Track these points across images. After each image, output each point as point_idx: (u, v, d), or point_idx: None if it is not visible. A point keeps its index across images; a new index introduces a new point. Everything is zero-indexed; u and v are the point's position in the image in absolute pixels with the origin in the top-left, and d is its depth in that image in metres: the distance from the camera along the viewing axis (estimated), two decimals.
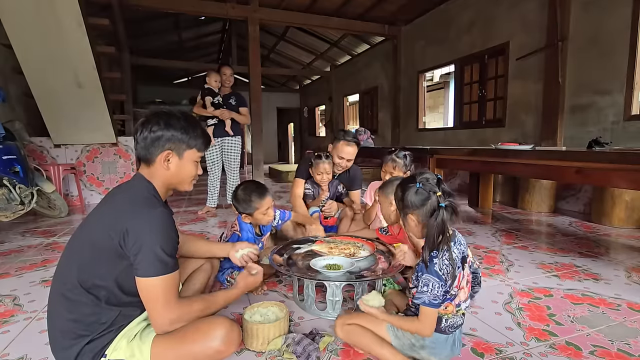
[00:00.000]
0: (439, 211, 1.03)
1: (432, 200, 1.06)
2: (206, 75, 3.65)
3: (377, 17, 6.16)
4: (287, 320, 1.37)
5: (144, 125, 1.08)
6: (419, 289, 1.06)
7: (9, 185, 2.80)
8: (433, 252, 1.05)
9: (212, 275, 1.61)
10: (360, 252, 1.78)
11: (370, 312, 1.19)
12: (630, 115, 3.23)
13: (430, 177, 1.10)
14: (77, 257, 1.01)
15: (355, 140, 2.40)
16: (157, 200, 1.08)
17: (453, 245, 1.08)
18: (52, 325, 1.00)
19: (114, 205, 1.05)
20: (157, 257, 0.96)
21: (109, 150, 4.38)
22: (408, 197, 1.10)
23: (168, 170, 1.10)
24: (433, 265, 1.04)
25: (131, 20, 6.26)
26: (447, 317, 1.11)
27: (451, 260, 1.05)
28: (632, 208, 2.97)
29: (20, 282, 1.98)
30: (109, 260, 0.98)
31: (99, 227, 1.01)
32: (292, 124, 13.92)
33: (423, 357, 1.15)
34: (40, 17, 3.09)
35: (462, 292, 1.12)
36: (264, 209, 1.74)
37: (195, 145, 1.13)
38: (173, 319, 1.00)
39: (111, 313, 0.99)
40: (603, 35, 3.41)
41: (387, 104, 7.29)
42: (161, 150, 1.08)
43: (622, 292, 1.75)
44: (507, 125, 4.53)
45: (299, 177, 2.51)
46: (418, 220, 1.11)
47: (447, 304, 1.10)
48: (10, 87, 3.95)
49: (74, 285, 0.97)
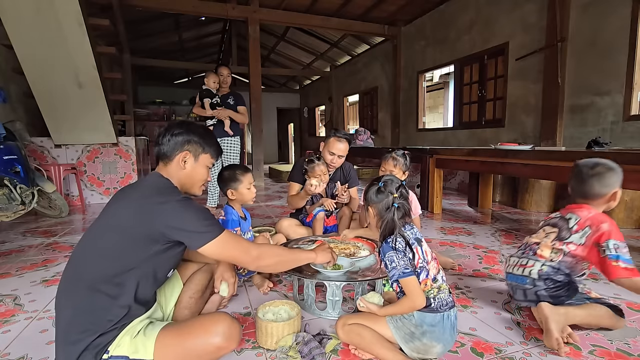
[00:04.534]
0: (392, 209, 1.22)
1: (388, 200, 1.24)
2: (204, 76, 3.67)
3: (377, 18, 6.17)
4: (300, 319, 1.40)
5: (167, 130, 1.22)
6: (389, 268, 1.19)
7: (9, 185, 2.80)
8: (387, 238, 1.23)
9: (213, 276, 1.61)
10: (360, 252, 1.78)
11: (369, 307, 1.25)
12: (630, 116, 3.24)
13: (393, 180, 1.28)
14: (97, 250, 1.03)
15: (346, 136, 2.42)
16: (177, 189, 1.18)
17: (404, 231, 1.24)
18: (60, 319, 1.01)
19: (138, 195, 1.09)
20: (203, 224, 1.07)
21: (110, 150, 4.39)
22: (370, 193, 1.29)
23: (183, 170, 1.21)
24: (388, 244, 1.21)
25: (132, 21, 6.28)
26: (433, 294, 1.18)
27: (404, 239, 1.21)
28: (631, 208, 2.98)
29: (21, 282, 1.98)
30: (137, 247, 1.03)
31: (123, 217, 1.04)
32: (292, 124, 13.93)
33: (425, 346, 1.16)
34: (40, 18, 3.10)
35: (431, 266, 1.21)
36: (247, 184, 1.87)
37: (209, 151, 1.25)
38: (255, 256, 1.17)
39: (120, 310, 1.00)
40: (602, 36, 3.42)
41: (387, 104, 7.30)
42: (180, 150, 1.19)
43: (622, 292, 1.75)
44: (506, 126, 4.54)
45: (294, 182, 2.52)
46: (375, 212, 1.28)
47: (424, 280, 1.18)
48: (11, 87, 3.96)
49: (97, 278, 0.99)
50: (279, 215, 3.64)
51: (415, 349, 1.18)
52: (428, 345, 1.16)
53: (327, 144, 2.44)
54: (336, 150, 2.40)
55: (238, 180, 1.84)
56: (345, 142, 2.41)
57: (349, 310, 1.58)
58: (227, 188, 1.87)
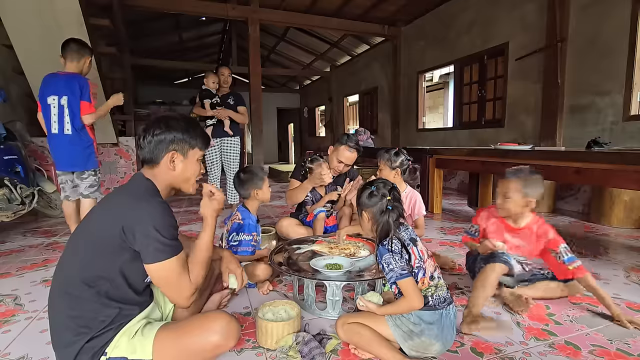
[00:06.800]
0: (387, 212, 1.24)
1: (382, 203, 1.25)
2: (204, 76, 3.67)
3: (377, 18, 6.17)
4: (299, 319, 1.40)
5: (146, 131, 1.12)
6: (386, 271, 1.19)
7: (10, 186, 2.80)
8: (382, 241, 1.23)
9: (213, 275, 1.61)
10: (360, 252, 1.78)
11: (368, 306, 1.25)
12: (629, 116, 3.24)
13: (385, 183, 1.30)
14: (78, 253, 1.03)
15: (357, 147, 2.41)
16: (156, 193, 1.11)
17: (400, 232, 1.25)
18: (53, 322, 1.01)
19: (113, 201, 1.09)
20: (161, 243, 1.00)
21: (110, 150, 4.39)
22: (363, 198, 1.30)
23: (174, 171, 1.14)
24: (384, 246, 1.21)
25: (132, 21, 6.28)
26: (431, 292, 1.19)
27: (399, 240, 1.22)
28: (630, 208, 2.98)
29: (21, 281, 1.99)
30: (111, 253, 1.00)
31: (100, 223, 1.04)
32: (292, 124, 13.93)
33: (424, 344, 1.16)
34: (41, 18, 3.10)
35: (427, 264, 1.22)
36: (267, 182, 1.94)
37: (197, 144, 1.17)
38: (188, 295, 1.07)
39: (111, 310, 1.00)
40: (602, 36, 3.42)
41: (386, 105, 7.30)
42: (166, 151, 1.12)
43: (621, 292, 1.76)
44: (506, 126, 4.54)
45: (296, 179, 2.51)
46: (369, 217, 1.29)
47: (422, 279, 1.19)
48: (11, 87, 3.95)
49: (76, 281, 0.98)
50: (279, 215, 3.64)
51: (414, 347, 1.18)
52: (427, 343, 1.16)
53: (336, 151, 2.42)
54: (345, 159, 2.39)
55: (262, 179, 1.92)
56: (356, 152, 2.41)
57: (349, 310, 1.58)
58: (252, 189, 1.91)
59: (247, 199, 1.96)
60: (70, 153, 2.42)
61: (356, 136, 2.94)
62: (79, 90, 2.32)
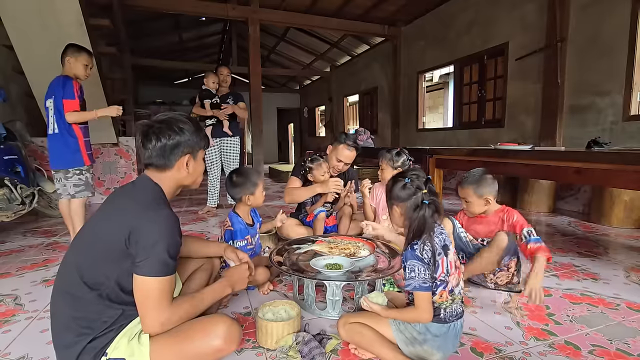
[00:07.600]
0: (422, 207, 1.12)
1: (417, 197, 1.13)
2: (204, 76, 3.68)
3: (377, 18, 6.17)
4: (299, 319, 1.40)
5: (154, 133, 1.08)
6: (407, 275, 1.12)
7: (10, 185, 2.80)
8: (414, 241, 1.12)
9: (213, 275, 1.61)
10: (360, 252, 1.78)
11: (373, 307, 1.22)
12: (629, 116, 3.24)
13: (420, 174, 1.18)
14: (82, 255, 1.02)
15: (355, 145, 2.41)
16: (164, 202, 1.10)
17: (433, 235, 1.13)
18: (55, 323, 1.01)
19: (121, 205, 1.07)
20: (161, 259, 0.98)
21: (110, 150, 4.39)
22: (396, 190, 1.18)
23: (187, 174, 1.15)
24: (414, 250, 1.11)
25: (132, 21, 6.28)
26: (445, 306, 1.13)
27: (432, 247, 1.11)
28: (630, 208, 2.98)
29: (21, 281, 1.99)
30: (114, 260, 0.99)
31: (106, 226, 1.03)
32: (292, 124, 13.93)
33: (426, 353, 1.15)
34: (41, 18, 3.10)
35: (452, 277, 1.14)
36: (262, 187, 1.83)
37: (203, 144, 1.19)
38: (163, 321, 1.00)
39: (114, 311, 1.00)
40: (602, 36, 3.42)
41: (386, 105, 7.30)
42: (180, 155, 1.11)
43: (621, 292, 1.76)
44: (506, 126, 4.54)
45: (295, 177, 2.50)
46: (402, 212, 1.18)
47: (441, 292, 1.11)
48: (11, 87, 3.95)
49: (79, 282, 0.98)
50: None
51: (415, 353, 1.16)
52: (428, 352, 1.14)
53: (335, 150, 2.42)
54: (344, 157, 2.40)
55: (256, 184, 1.79)
56: (354, 150, 2.41)
57: (349, 310, 1.58)
58: (243, 193, 1.78)
59: (237, 202, 1.86)
60: (55, 151, 2.48)
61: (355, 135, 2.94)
62: (62, 90, 2.36)
